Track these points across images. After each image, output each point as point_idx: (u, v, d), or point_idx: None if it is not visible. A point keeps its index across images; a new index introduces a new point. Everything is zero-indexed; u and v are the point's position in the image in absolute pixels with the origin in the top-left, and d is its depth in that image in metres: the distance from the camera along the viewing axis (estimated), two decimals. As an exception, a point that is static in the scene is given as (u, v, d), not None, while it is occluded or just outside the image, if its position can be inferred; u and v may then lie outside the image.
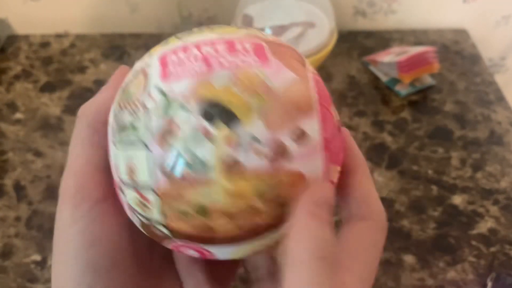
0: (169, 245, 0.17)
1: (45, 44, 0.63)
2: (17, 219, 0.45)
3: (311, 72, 0.18)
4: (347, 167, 0.19)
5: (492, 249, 0.42)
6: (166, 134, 0.15)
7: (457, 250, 0.42)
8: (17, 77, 0.58)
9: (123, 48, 0.62)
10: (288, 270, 0.15)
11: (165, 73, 0.16)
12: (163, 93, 0.15)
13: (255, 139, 0.15)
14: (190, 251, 0.17)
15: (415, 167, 0.49)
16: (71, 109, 0.55)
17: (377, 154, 0.50)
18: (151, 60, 0.17)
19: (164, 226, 0.16)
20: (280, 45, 0.18)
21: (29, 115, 0.54)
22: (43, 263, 0.41)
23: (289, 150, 0.15)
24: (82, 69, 0.59)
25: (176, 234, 0.16)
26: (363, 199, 0.18)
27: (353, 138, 0.20)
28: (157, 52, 0.17)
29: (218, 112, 0.15)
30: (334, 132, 0.17)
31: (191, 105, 0.15)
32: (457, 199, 0.46)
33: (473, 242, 0.43)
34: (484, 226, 0.44)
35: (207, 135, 0.15)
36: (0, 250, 0.42)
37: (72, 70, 0.59)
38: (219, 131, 0.15)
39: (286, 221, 0.16)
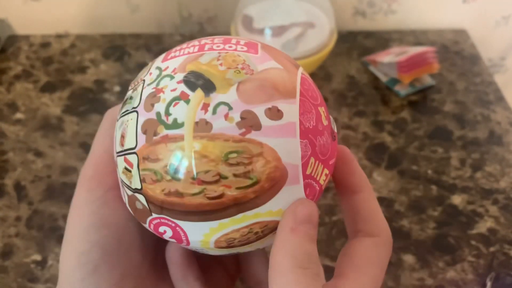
0: (148, 223, 0.18)
1: (45, 44, 0.63)
2: (18, 219, 0.45)
3: (301, 73, 0.18)
4: (352, 186, 0.20)
5: (492, 249, 0.43)
6: (151, 98, 0.17)
7: (456, 250, 0.42)
8: (17, 77, 0.59)
9: (123, 48, 0.62)
10: (270, 279, 0.16)
11: (166, 57, 0.18)
12: (158, 69, 0.18)
13: (227, 105, 0.16)
14: (166, 229, 0.17)
15: (414, 167, 0.49)
16: (72, 109, 0.55)
17: (376, 154, 0.50)
18: (163, 54, 0.19)
19: (142, 194, 0.17)
20: (276, 49, 0.19)
21: (29, 115, 0.54)
22: (44, 263, 0.42)
23: (260, 122, 0.16)
24: (82, 69, 0.59)
25: (151, 204, 0.17)
26: (369, 216, 0.19)
27: (353, 138, 0.20)
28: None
29: (198, 80, 0.16)
30: (320, 130, 0.17)
31: (177, 74, 0.17)
32: (457, 199, 0.46)
33: (473, 242, 0.43)
34: (483, 226, 0.44)
35: (184, 98, 0.16)
36: (1, 250, 0.43)
37: (72, 70, 0.59)
38: (195, 95, 0.16)
39: (256, 202, 0.16)
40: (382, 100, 0.56)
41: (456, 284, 0.40)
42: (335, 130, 0.19)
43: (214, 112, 0.16)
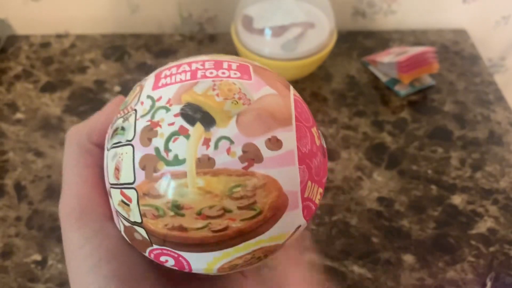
0: (149, 253, 0.18)
1: (45, 44, 0.63)
2: (18, 219, 0.45)
3: (293, 94, 0.19)
4: None
5: (492, 249, 0.43)
6: (148, 132, 0.16)
7: (456, 250, 0.42)
8: (17, 77, 0.59)
9: (123, 48, 0.62)
10: None
11: (156, 84, 0.18)
12: (151, 98, 0.17)
13: (229, 140, 0.16)
14: (168, 259, 0.17)
15: (414, 167, 0.49)
16: (72, 109, 0.55)
17: (376, 154, 0.50)
18: (149, 76, 0.19)
19: (142, 227, 0.17)
20: (267, 70, 0.19)
21: (29, 115, 0.54)
22: (44, 263, 0.42)
23: (261, 154, 0.16)
24: (82, 69, 0.59)
25: (153, 237, 0.17)
26: None
27: (353, 138, 0.20)
28: (156, 70, 0.19)
29: (196, 113, 0.16)
30: (314, 152, 0.18)
31: (173, 107, 0.16)
32: (457, 199, 0.46)
33: (473, 242, 0.43)
34: (483, 226, 0.44)
35: (183, 133, 0.16)
36: (1, 250, 0.43)
37: (72, 70, 0.59)
38: (195, 129, 0.16)
39: (259, 231, 0.16)
40: (382, 100, 0.56)
41: (456, 284, 0.40)
42: (325, 146, 0.20)
43: (216, 147, 0.16)
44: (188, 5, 0.64)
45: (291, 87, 0.19)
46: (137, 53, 0.62)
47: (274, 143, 0.16)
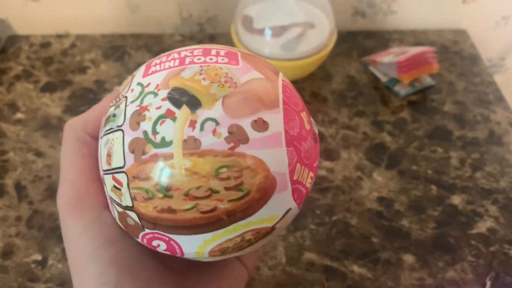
0: (141, 238, 0.18)
1: (45, 45, 0.63)
2: (18, 219, 0.45)
3: (282, 80, 0.19)
4: None
5: (491, 248, 0.43)
6: (137, 117, 0.17)
7: (456, 250, 0.43)
8: (17, 77, 0.59)
9: (123, 48, 0.62)
10: None
11: (146, 72, 0.18)
12: (140, 85, 0.18)
13: (214, 121, 0.16)
14: (159, 243, 0.17)
15: (414, 167, 0.49)
16: (72, 109, 0.55)
17: (376, 154, 0.50)
18: (141, 66, 0.19)
19: (133, 211, 0.17)
20: (255, 57, 0.19)
21: (29, 115, 0.54)
22: (44, 263, 0.42)
23: (247, 135, 0.16)
24: (82, 70, 0.59)
25: (144, 221, 0.17)
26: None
27: (353, 138, 0.20)
28: (148, 61, 0.20)
29: (182, 97, 0.16)
30: (304, 136, 0.18)
31: (161, 91, 0.17)
32: (457, 199, 0.46)
33: (472, 242, 0.43)
34: (483, 226, 0.44)
35: (170, 116, 0.16)
36: (1, 249, 0.43)
37: (72, 70, 0.59)
38: (181, 112, 0.16)
39: (248, 212, 0.16)
40: (382, 100, 0.56)
41: (456, 284, 0.40)
42: (316, 132, 0.20)
43: (201, 128, 0.16)
44: (188, 5, 0.64)
45: (280, 73, 0.19)
46: (137, 53, 0.62)
47: (261, 125, 0.16)
